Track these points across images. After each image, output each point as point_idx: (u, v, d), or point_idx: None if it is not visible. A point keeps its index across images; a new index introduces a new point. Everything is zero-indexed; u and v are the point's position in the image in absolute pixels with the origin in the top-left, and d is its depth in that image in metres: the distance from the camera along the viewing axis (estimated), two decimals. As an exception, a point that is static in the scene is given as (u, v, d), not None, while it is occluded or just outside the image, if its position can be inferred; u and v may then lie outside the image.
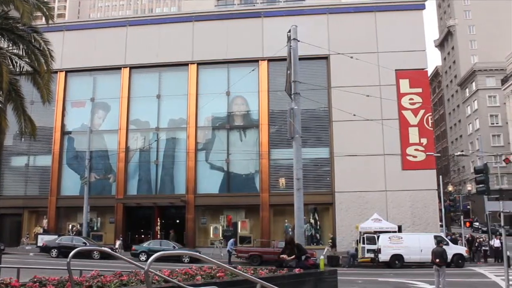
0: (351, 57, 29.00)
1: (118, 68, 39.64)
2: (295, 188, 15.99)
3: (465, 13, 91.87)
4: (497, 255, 33.53)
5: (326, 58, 36.77)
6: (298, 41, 17.31)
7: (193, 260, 26.22)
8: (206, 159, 38.10)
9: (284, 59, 18.25)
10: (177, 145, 38.60)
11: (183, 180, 37.74)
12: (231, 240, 32.02)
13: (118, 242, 34.12)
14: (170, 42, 39.03)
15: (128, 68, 39.57)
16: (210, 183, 37.69)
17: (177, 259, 27.68)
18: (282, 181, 36.46)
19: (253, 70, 34.74)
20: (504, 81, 74.21)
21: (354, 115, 31.50)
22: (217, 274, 9.11)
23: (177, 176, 38.21)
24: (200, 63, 38.92)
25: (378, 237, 30.06)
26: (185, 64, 38.87)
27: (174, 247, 31.04)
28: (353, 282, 20.32)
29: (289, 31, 17.56)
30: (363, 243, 30.98)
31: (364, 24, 37.63)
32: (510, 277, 17.21)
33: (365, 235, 31.14)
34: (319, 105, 35.90)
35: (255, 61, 37.53)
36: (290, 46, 17.03)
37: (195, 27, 39.37)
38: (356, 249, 31.53)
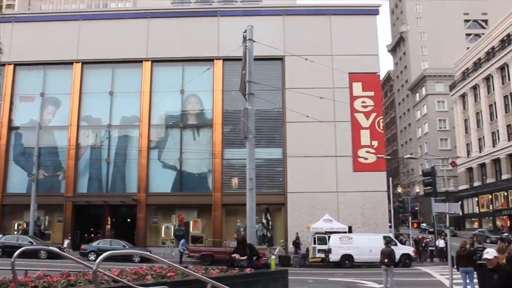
0: (306, 59, 29.31)
1: (70, 63, 38.72)
2: (248, 188, 16.01)
3: (417, 20, 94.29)
4: (442, 255, 34.56)
5: (281, 59, 37.01)
6: (254, 41, 17.35)
7: (144, 259, 25.90)
8: (158, 158, 37.70)
9: (240, 59, 18.25)
10: (129, 143, 38.03)
11: (135, 178, 37.23)
12: (183, 240, 31.78)
13: (66, 241, 33.31)
14: (124, 38, 38.39)
15: (80, 63, 38.70)
16: (162, 182, 37.33)
17: (128, 258, 27.28)
18: (235, 180, 36.47)
19: (208, 69, 34.62)
20: (452, 87, 76.56)
21: (308, 116, 31.84)
22: (168, 274, 9.02)
23: (129, 175, 37.66)
24: (154, 61, 38.47)
25: (329, 237, 30.44)
26: (139, 61, 38.34)
27: (124, 246, 30.58)
28: (304, 282, 20.50)
29: (245, 31, 17.58)
30: (314, 243, 31.33)
31: (320, 27, 38.07)
32: (454, 276, 17.77)
33: (316, 235, 31.49)
34: (273, 105, 36.10)
35: (211, 60, 37.44)
36: (246, 46, 17.04)
37: (150, 24, 38.89)
38: (307, 249, 31.84)
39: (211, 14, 39.28)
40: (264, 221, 36.61)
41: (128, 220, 38.41)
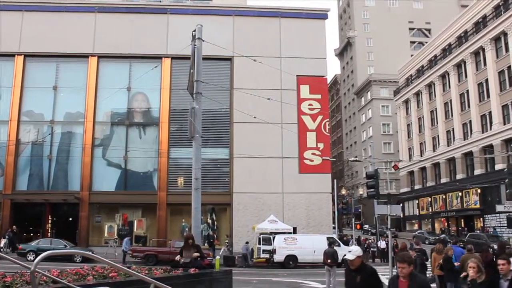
0: (255, 60, 29.41)
1: (11, 55, 37.32)
2: (193, 187, 15.91)
3: (364, 26, 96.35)
4: (383, 255, 35.43)
5: (230, 59, 37.02)
6: (203, 40, 17.26)
7: (86, 260, 25.32)
8: (103, 156, 36.95)
9: (188, 58, 18.12)
10: (73, 140, 37.08)
11: (78, 176, 36.34)
12: (126, 239, 31.27)
13: (3, 241, 32.11)
14: (70, 32, 37.31)
15: (22, 56, 37.37)
16: (106, 180, 36.61)
17: (69, 259, 26.59)
18: (180, 180, 36.20)
19: (156, 66, 34.24)
20: (396, 92, 78.67)
21: (255, 117, 31.98)
22: (110, 274, 8.87)
23: (72, 172, 36.72)
24: (101, 56, 37.67)
25: (273, 238, 30.66)
26: (85, 56, 37.43)
27: (65, 246, 29.79)
28: (248, 282, 20.56)
29: (194, 30, 17.47)
30: (259, 244, 31.48)
31: (269, 29, 38.32)
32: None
33: (261, 235, 31.66)
34: (221, 106, 36.07)
35: (159, 57, 37.04)
36: (195, 45, 16.93)
37: (97, 18, 38.03)
38: (252, 249, 31.96)
39: (160, 11, 38.80)
40: (209, 221, 36.52)
41: (70, 219, 37.45)
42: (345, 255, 21.08)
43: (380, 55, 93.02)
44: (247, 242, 31.85)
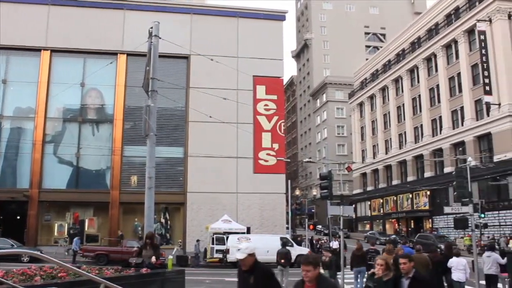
0: (211, 59, 29.31)
1: (-42, 47, 35.98)
2: (147, 186, 15.72)
3: (321, 28, 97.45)
4: (335, 255, 35.88)
5: (186, 58, 36.78)
6: (160, 38, 17.07)
7: (34, 259, 24.63)
8: (54, 152, 36.04)
9: (144, 55, 17.90)
10: (22, 136, 36.01)
11: (27, 173, 35.32)
12: (77, 239, 30.59)
13: None
14: (22, 25, 36.19)
15: (-30, 48, 36.11)
16: (57, 177, 35.72)
17: (16, 258, 25.81)
18: (134, 178, 35.71)
19: (111, 63, 33.69)
20: (351, 95, 79.94)
21: (210, 117, 31.89)
22: (59, 274, 8.66)
23: (21, 169, 35.66)
24: (54, 50, 36.73)
25: (227, 237, 30.62)
26: (38, 49, 36.43)
27: (12, 245, 28.91)
28: (201, 282, 20.47)
29: (151, 27, 17.26)
30: (212, 244, 31.39)
31: (227, 28, 38.28)
32: (345, 276, 18.56)
33: (214, 235, 31.58)
34: (176, 104, 35.75)
35: (114, 54, 36.43)
36: (151, 42, 16.73)
37: (51, 11, 37.06)
38: (205, 249, 31.85)
39: (117, 7, 38.12)
40: (162, 220, 36.18)
41: (18, 217, 36.33)
42: (298, 255, 21.06)
43: (336, 58, 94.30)
44: (198, 241, 31.71)
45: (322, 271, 7.02)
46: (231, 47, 37.42)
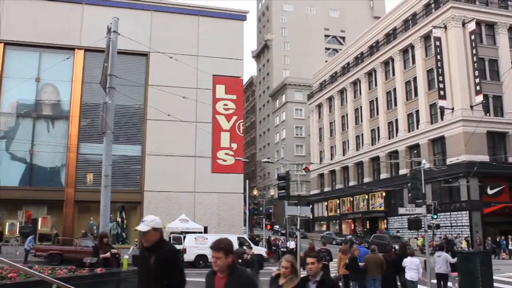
0: (171, 57, 29.08)
1: None
2: (103, 185, 15.47)
3: (282, 30, 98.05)
4: (292, 255, 36.16)
5: (146, 55, 36.32)
6: (119, 34, 16.82)
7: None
8: (6, 149, 34.96)
9: (103, 51, 17.61)
10: (-27, 131, 34.86)
11: (-22, 170, 34.19)
12: (29, 238, 29.79)
13: None
14: (-26, 17, 35.09)
15: None
16: (9, 175, 34.61)
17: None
18: (90, 176, 35.01)
19: (68, 58, 32.95)
20: (309, 96, 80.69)
21: (169, 115, 31.61)
22: (9, 275, 8.39)
23: (-29, 165, 34.50)
24: (7, 43, 35.58)
25: (184, 237, 30.45)
26: (-10, 42, 35.30)
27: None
28: (156, 282, 20.23)
29: (111, 23, 16.99)
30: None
31: (187, 27, 37.99)
32: (302, 275, 18.65)
33: (171, 235, 31.34)
34: (135, 102, 35.26)
35: (71, 49, 35.58)
36: (110, 38, 16.46)
37: (6, 3, 35.92)
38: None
39: (75, 1, 37.20)
40: (118, 219, 35.62)
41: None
42: (256, 255, 21.17)
43: (295, 59, 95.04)
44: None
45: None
46: (191, 46, 37.18)
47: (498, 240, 41.14)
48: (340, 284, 16.87)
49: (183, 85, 35.21)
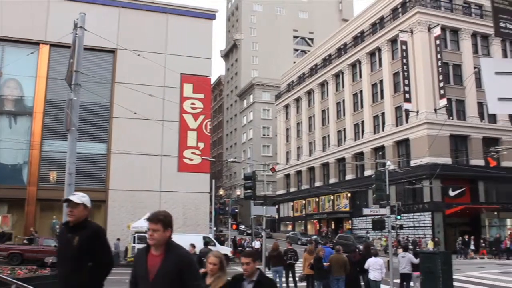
0: (139, 55, 28.78)
1: None
2: (66, 183, 15.17)
3: (251, 30, 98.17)
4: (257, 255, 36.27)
5: (113, 52, 35.85)
6: (85, 30, 16.54)
7: None
8: (-34, 144, 34.05)
9: (68, 46, 17.28)
10: None
11: None
12: (-9, 236, 29.09)
13: None
14: None
15: None
16: (-32, 171, 33.77)
17: None
18: (53, 174, 34.36)
19: (32, 53, 32.27)
20: (277, 97, 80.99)
21: (135, 113, 31.28)
22: (-34, 274, 8.18)
23: None
24: (-31, 37, 34.70)
25: (149, 236, 30.11)
26: (-50, 35, 34.27)
27: None
28: (121, 282, 19.93)
29: (77, 18, 16.69)
30: (134, 242, 30.82)
31: (156, 24, 37.65)
32: (269, 276, 18.72)
33: (136, 234, 31.02)
34: (101, 99, 34.76)
35: (36, 43, 34.86)
36: (76, 33, 16.17)
37: (-33, -4, 35.01)
38: (126, 248, 31.24)
39: (40, -5, 36.52)
40: (82, 218, 35.01)
41: None
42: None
43: (264, 60, 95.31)
44: (118, 239, 31.06)
45: None
46: (159, 44, 36.87)
47: (466, 240, 42.10)
48: (305, 283, 17.02)
49: (150, 83, 34.89)
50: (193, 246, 17.95)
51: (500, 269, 28.13)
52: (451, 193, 45.41)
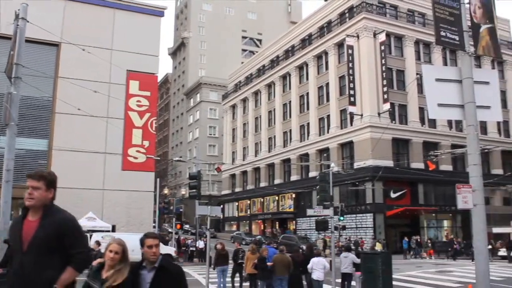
0: (83, 50, 28.09)
1: None
2: (4, 180, 14.63)
3: (200, 28, 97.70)
4: (201, 255, 36.15)
5: (57, 45, 34.83)
6: (27, 21, 16.01)
7: None
8: None
9: (9, 38, 16.68)
10: None
11: None
12: None
13: None
14: None
15: None
16: None
17: None
18: (-10, 170, 33.07)
19: (-31, 43, 30.92)
20: (224, 97, 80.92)
21: (79, 109, 30.52)
22: None
23: None
24: None
25: (91, 236, 29.51)
26: None
27: None
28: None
29: (19, 9, 16.13)
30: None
31: (102, 19, 36.81)
32: (210, 276, 18.73)
33: (77, 233, 30.28)
34: (43, 94, 33.68)
35: (-26, 34, 33.47)
36: (17, 25, 15.62)
37: None
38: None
39: (-21, -16, 35.11)
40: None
41: None
42: (164, 254, 20.74)
43: (212, 59, 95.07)
44: None
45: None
46: (105, 39, 36.07)
47: (419, 240, 43.26)
48: (248, 283, 17.07)
49: (95, 79, 34.08)
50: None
51: (436, 268, 29.22)
52: (392, 195, 46.67)
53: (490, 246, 37.06)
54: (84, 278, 4.72)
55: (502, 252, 40.01)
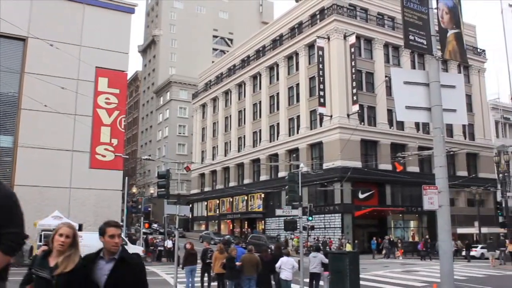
0: (51, 45, 27.66)
1: None
2: (-32, 176, 14.32)
3: (171, 26, 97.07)
4: (169, 255, 35.92)
5: (23, 40, 34.16)
6: (-7, 15, 15.68)
7: None
8: None
9: (-26, 32, 16.35)
10: None
11: None
12: None
13: None
14: None
15: None
16: None
17: None
18: (-48, 167, 32.28)
19: None
20: (194, 96, 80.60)
21: (46, 105, 30.01)
22: None
23: None
24: None
25: (56, 234, 29.05)
26: None
27: None
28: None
29: (-16, 3, 15.79)
30: (40, 241, 29.56)
31: (71, 14, 36.23)
32: (178, 275, 18.64)
33: (43, 232, 29.75)
34: (8, 89, 33.01)
35: None
36: (-17, 19, 15.28)
37: None
38: (32, 247, 29.92)
39: None
40: (-17, 214, 33.12)
41: None
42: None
43: (183, 57, 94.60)
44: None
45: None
46: (74, 35, 35.51)
47: (392, 240, 43.73)
48: (216, 283, 17.05)
49: (63, 75, 33.54)
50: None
51: (402, 268, 29.69)
52: (361, 196, 47.20)
53: (455, 247, 37.87)
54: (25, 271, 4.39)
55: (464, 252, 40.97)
